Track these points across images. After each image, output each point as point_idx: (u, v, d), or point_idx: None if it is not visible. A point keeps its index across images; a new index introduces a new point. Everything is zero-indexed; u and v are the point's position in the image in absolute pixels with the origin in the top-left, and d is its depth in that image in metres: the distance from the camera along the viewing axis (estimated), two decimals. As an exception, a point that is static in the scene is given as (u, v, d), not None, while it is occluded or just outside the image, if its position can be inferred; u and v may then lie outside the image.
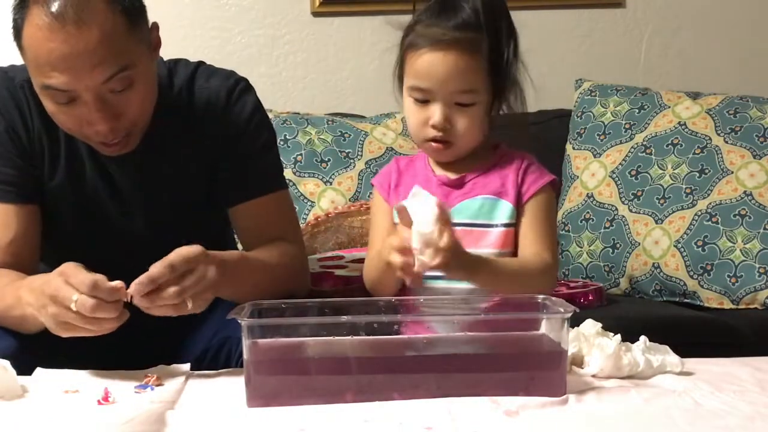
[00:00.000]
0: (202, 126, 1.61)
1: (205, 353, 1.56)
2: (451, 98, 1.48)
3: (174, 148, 1.61)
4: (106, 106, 1.44)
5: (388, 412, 1.18)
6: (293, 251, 1.64)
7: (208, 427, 1.17)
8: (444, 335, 1.33)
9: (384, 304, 1.38)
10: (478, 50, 1.46)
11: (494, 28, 1.47)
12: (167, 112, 1.58)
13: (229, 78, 1.65)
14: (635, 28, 2.97)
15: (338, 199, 2.48)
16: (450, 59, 1.46)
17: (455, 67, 1.46)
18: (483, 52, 1.46)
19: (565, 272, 2.53)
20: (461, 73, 1.46)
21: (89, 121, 1.45)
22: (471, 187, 1.53)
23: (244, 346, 1.23)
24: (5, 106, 1.58)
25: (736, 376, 1.36)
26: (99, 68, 1.40)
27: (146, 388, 1.31)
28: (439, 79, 1.47)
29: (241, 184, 1.64)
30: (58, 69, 1.39)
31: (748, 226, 2.33)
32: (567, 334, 1.28)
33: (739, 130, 2.47)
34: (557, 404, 1.22)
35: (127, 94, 1.45)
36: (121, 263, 1.34)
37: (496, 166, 1.55)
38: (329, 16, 2.89)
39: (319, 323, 1.30)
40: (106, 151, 1.53)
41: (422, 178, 1.55)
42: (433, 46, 1.47)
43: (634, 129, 2.58)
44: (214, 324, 1.57)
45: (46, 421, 1.18)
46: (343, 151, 2.56)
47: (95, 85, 1.41)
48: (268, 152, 1.68)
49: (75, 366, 1.41)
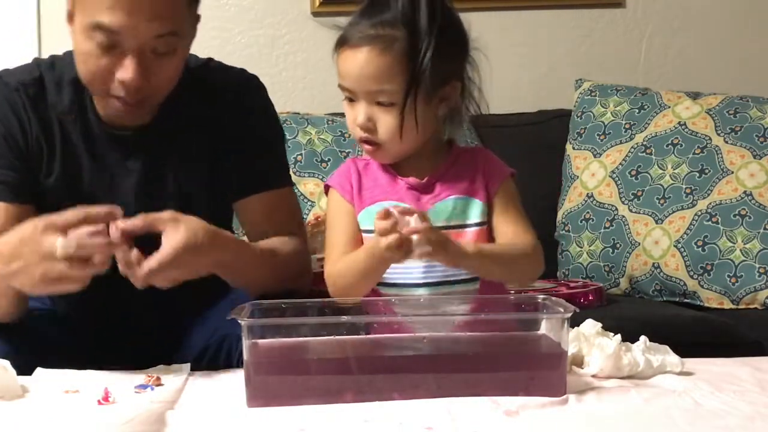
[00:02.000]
0: (212, 115, 1.62)
1: (204, 351, 1.56)
2: (371, 97, 1.45)
3: (181, 133, 1.61)
4: (144, 63, 1.46)
5: (388, 412, 1.18)
6: (297, 247, 1.64)
7: (208, 427, 1.17)
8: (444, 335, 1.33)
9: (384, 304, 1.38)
10: (391, 48, 1.43)
11: (413, 25, 1.43)
12: (179, 97, 1.59)
13: (242, 73, 1.69)
14: (635, 28, 2.97)
15: (338, 199, 2.48)
16: (360, 57, 1.44)
17: (366, 65, 1.44)
18: (397, 50, 1.43)
19: (565, 272, 2.53)
20: (373, 71, 1.43)
21: (121, 71, 1.46)
22: (440, 189, 1.51)
23: (244, 346, 1.23)
24: (2, 112, 1.58)
25: (736, 376, 1.36)
26: (157, 22, 1.43)
27: (146, 388, 1.31)
28: (353, 77, 1.45)
29: (248, 178, 1.64)
30: (118, 6, 1.41)
31: (748, 226, 2.33)
32: (567, 334, 1.28)
33: (739, 130, 2.47)
34: (557, 404, 1.22)
35: (164, 60, 1.47)
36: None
37: (456, 165, 1.53)
38: (329, 16, 2.88)
39: (319, 323, 1.30)
40: (118, 111, 1.53)
41: (385, 181, 1.52)
42: (349, 44, 1.46)
43: (634, 129, 2.59)
44: (213, 322, 1.57)
45: (46, 421, 1.18)
46: (343, 151, 2.56)
47: (145, 37, 1.44)
48: (276, 148, 1.70)
49: (75, 366, 1.41)
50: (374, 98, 1.45)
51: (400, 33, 1.43)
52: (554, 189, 2.66)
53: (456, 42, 1.49)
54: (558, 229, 2.58)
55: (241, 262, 1.49)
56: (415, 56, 1.43)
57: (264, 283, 1.53)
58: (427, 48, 1.43)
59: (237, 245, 1.49)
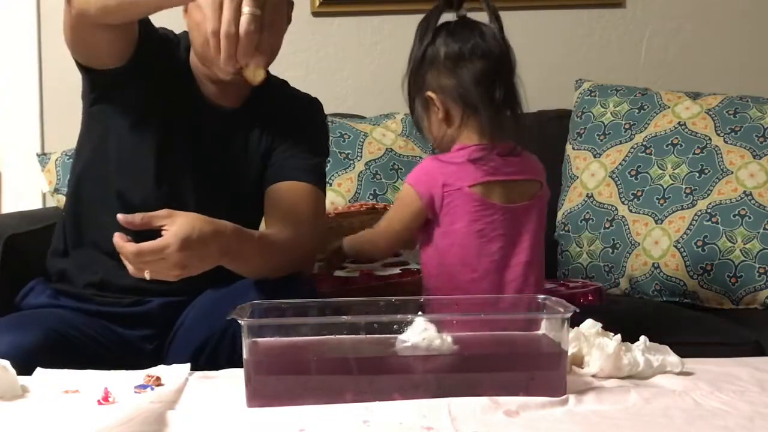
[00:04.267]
0: (279, 116, 1.79)
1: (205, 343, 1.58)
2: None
3: (254, 125, 1.78)
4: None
5: (388, 412, 1.18)
6: (294, 237, 1.66)
7: (208, 427, 1.17)
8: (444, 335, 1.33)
9: (384, 304, 1.38)
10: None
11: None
12: (262, 96, 1.76)
13: (309, 95, 1.90)
14: (635, 28, 2.96)
15: (338, 201, 2.48)
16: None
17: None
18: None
19: (565, 272, 2.53)
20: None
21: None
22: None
23: (244, 346, 1.23)
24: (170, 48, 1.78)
25: (736, 376, 1.36)
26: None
27: (146, 388, 1.32)
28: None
29: (281, 167, 1.76)
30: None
31: (748, 226, 2.33)
32: (567, 334, 1.28)
33: (739, 130, 2.47)
34: (557, 404, 1.22)
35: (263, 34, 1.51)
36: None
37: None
38: (329, 16, 2.89)
39: (319, 323, 1.30)
40: (216, 92, 1.74)
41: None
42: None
43: (634, 129, 2.58)
44: (211, 314, 1.60)
45: (46, 421, 1.18)
46: (343, 152, 2.56)
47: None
48: (317, 155, 1.82)
49: (75, 366, 1.41)
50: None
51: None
52: (554, 189, 2.65)
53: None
54: (558, 229, 2.58)
55: (245, 247, 1.52)
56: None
57: (268, 268, 1.59)
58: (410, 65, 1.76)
59: (237, 230, 1.51)
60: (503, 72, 1.69)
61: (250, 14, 1.30)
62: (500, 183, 1.68)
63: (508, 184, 1.69)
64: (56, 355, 1.49)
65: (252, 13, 1.30)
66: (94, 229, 1.74)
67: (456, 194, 1.66)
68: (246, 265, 1.57)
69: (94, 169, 1.76)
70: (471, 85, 1.66)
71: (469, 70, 1.66)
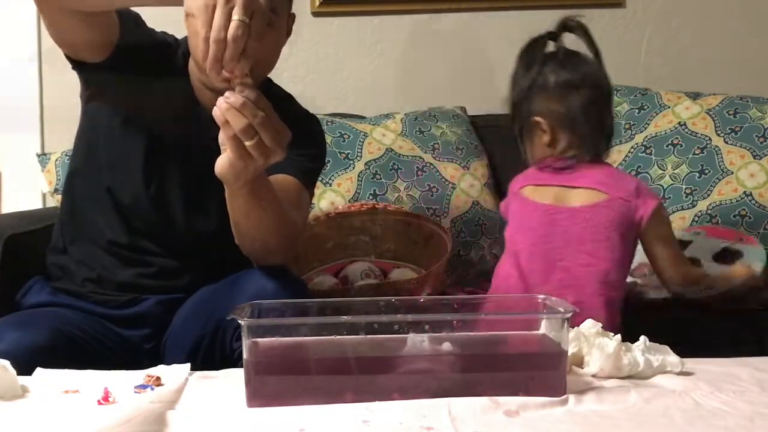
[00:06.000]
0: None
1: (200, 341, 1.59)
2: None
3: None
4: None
5: (388, 412, 1.18)
6: (297, 219, 1.69)
7: (208, 427, 1.17)
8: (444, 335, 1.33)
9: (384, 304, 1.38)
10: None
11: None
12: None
13: (308, 111, 1.95)
14: (635, 28, 2.96)
15: (338, 201, 2.48)
16: None
17: None
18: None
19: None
20: None
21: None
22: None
23: (244, 346, 1.23)
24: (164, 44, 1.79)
25: (736, 376, 1.36)
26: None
27: (146, 388, 1.31)
28: None
29: (275, 164, 1.73)
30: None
31: (748, 226, 2.33)
32: (567, 334, 1.28)
33: (739, 130, 2.47)
34: (557, 404, 1.22)
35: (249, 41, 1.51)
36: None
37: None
38: (329, 16, 2.89)
39: (319, 323, 1.30)
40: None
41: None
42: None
43: (634, 129, 2.58)
44: (204, 312, 1.62)
45: (46, 421, 1.18)
46: (343, 152, 2.55)
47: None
48: (311, 161, 1.84)
49: (78, 365, 1.41)
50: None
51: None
52: (554, 189, 2.65)
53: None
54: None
55: (266, 184, 1.54)
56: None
57: (265, 226, 1.57)
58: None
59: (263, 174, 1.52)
60: (609, 102, 1.85)
61: (238, 20, 1.32)
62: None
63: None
64: (60, 354, 1.50)
65: (240, 20, 1.32)
66: (89, 224, 1.76)
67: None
68: (256, 206, 1.53)
69: (86, 166, 1.79)
70: (579, 113, 1.78)
71: (577, 98, 1.79)
